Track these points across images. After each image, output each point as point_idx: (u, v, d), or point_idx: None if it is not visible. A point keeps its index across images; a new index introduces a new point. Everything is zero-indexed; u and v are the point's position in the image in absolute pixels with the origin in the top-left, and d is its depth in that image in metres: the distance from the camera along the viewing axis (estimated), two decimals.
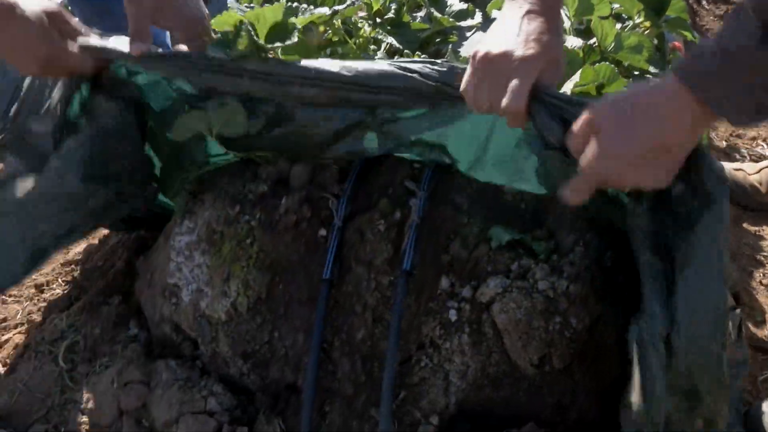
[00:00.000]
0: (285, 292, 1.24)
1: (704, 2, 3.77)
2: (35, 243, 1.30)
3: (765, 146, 2.19)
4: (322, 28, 1.30)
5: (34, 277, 1.73)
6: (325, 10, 1.22)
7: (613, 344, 1.17)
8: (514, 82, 0.92)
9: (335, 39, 1.33)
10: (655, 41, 1.43)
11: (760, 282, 1.64)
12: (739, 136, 2.43)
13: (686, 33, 1.43)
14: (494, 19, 1.17)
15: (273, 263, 1.24)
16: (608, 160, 0.87)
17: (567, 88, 1.14)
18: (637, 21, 1.44)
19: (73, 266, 1.72)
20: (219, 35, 1.19)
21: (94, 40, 1.23)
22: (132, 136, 1.30)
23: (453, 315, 1.17)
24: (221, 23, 1.17)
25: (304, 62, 1.13)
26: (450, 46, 1.35)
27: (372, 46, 1.36)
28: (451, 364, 1.17)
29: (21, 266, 1.32)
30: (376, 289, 1.19)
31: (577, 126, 0.90)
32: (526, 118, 0.95)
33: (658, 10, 1.40)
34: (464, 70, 1.01)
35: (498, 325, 1.13)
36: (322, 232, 1.24)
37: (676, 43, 1.53)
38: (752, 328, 1.47)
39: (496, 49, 0.94)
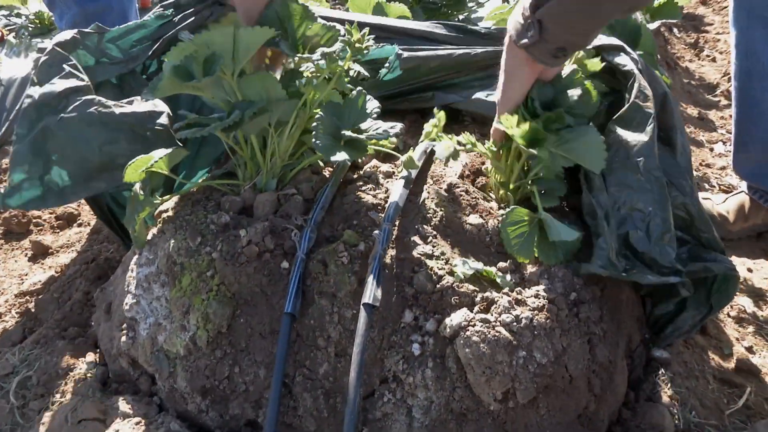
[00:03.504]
0: (246, 326, 1.21)
1: (675, 31, 3.87)
2: (109, 155, 1.36)
3: (733, 175, 2.21)
4: None
5: None
6: None
7: (579, 377, 1.16)
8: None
9: None
10: None
11: (728, 314, 1.64)
12: (708, 166, 2.45)
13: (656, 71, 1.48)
14: None
15: (234, 296, 1.21)
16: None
17: None
18: None
19: (27, 297, 1.65)
20: None
21: None
22: None
23: (416, 349, 1.15)
24: None
25: None
26: None
27: None
28: (414, 399, 1.14)
29: (88, 171, 1.37)
30: (339, 323, 1.17)
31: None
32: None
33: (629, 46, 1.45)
34: None
35: (461, 359, 1.11)
36: (285, 264, 1.22)
37: None
38: (719, 361, 1.46)
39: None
